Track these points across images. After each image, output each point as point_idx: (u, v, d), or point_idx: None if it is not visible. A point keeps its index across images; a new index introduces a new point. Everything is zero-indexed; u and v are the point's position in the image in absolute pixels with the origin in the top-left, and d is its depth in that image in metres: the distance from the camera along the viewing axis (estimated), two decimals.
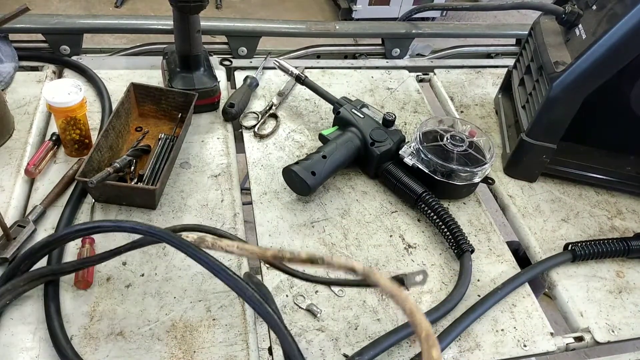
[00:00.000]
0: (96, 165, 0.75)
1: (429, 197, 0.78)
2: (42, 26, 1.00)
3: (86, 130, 0.80)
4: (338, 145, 0.82)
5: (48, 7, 3.14)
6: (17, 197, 0.74)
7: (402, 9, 3.35)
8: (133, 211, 0.75)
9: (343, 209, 0.81)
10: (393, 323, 0.66)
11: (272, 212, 0.79)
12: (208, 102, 0.92)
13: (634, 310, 0.73)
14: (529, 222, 0.84)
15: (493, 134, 1.01)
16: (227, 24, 1.09)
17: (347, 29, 1.16)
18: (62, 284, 0.64)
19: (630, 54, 0.73)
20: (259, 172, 0.85)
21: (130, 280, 0.66)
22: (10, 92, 0.91)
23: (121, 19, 1.07)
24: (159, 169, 0.78)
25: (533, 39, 0.91)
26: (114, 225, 0.60)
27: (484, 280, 0.74)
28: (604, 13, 0.78)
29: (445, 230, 0.76)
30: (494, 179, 0.90)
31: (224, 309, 0.65)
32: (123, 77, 0.98)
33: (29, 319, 0.60)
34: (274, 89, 1.02)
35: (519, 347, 0.66)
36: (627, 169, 0.90)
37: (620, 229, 0.85)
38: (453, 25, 1.30)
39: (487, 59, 1.29)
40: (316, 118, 0.98)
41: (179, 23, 0.85)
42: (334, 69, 1.11)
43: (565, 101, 0.79)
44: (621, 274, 0.78)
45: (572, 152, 0.90)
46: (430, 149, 0.81)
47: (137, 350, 0.59)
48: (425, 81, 1.16)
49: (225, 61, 1.08)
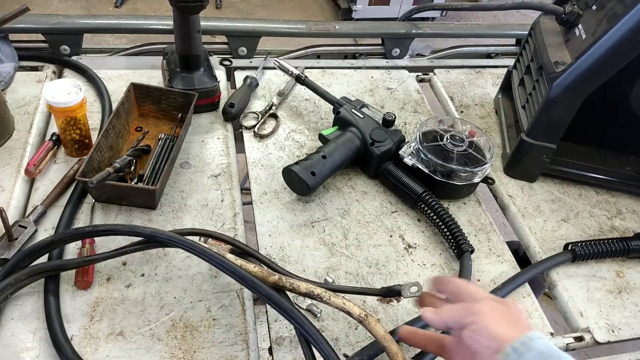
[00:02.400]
0: (96, 165, 0.75)
1: (429, 197, 0.78)
2: (42, 26, 1.00)
3: (86, 130, 0.80)
4: (338, 145, 0.82)
5: (48, 7, 3.14)
6: (17, 197, 0.74)
7: (402, 9, 3.35)
8: (133, 211, 0.75)
9: (343, 209, 0.81)
10: (393, 323, 0.66)
11: (272, 212, 0.79)
12: (208, 102, 0.92)
13: (634, 310, 0.73)
14: (529, 222, 0.84)
15: (493, 134, 1.01)
16: (227, 24, 1.09)
17: (347, 29, 1.16)
18: (62, 284, 0.64)
19: (630, 54, 0.73)
20: (259, 172, 0.85)
21: (131, 280, 0.66)
22: (10, 92, 0.91)
23: (121, 19, 1.07)
24: (159, 169, 0.78)
25: (533, 39, 0.91)
26: (128, 230, 0.62)
27: (484, 280, 0.74)
28: (604, 13, 0.78)
29: (445, 230, 0.76)
30: (494, 179, 0.90)
31: (224, 309, 0.65)
32: (123, 77, 0.98)
33: (29, 319, 0.60)
34: (274, 89, 1.02)
35: None
36: (627, 169, 0.90)
37: (620, 229, 0.85)
38: (453, 25, 1.30)
39: (487, 59, 1.29)
40: (316, 118, 0.98)
41: (179, 23, 0.85)
42: (334, 69, 1.11)
43: (565, 101, 0.79)
44: (621, 274, 0.78)
45: (572, 152, 0.90)
46: (430, 149, 0.81)
47: (137, 350, 0.59)
48: (425, 81, 1.16)
49: (225, 61, 1.08)
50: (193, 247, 0.59)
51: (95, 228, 0.63)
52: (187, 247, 0.60)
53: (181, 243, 0.60)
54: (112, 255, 0.63)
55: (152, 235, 0.61)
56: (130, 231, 0.62)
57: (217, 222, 0.75)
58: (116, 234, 0.63)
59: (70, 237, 0.63)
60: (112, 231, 0.63)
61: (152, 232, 0.61)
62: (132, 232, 0.62)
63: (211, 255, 0.58)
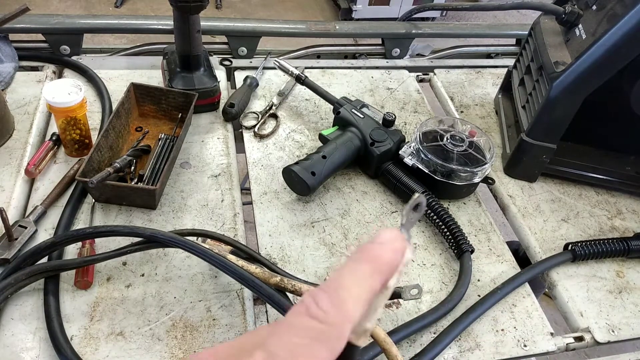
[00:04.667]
0: (96, 165, 0.75)
1: (429, 197, 0.78)
2: (42, 26, 1.00)
3: (86, 130, 0.80)
4: (338, 145, 0.82)
5: (48, 7, 3.14)
6: (17, 197, 0.74)
7: (402, 9, 3.35)
8: (133, 211, 0.75)
9: (343, 209, 0.81)
10: (393, 323, 0.66)
11: (272, 212, 0.79)
12: (208, 102, 0.92)
13: (634, 310, 0.73)
14: (529, 222, 0.84)
15: (493, 134, 1.00)
16: (227, 24, 1.09)
17: (347, 29, 1.16)
18: (62, 284, 0.64)
19: (630, 54, 0.73)
20: (259, 172, 0.85)
21: (131, 280, 0.66)
22: (10, 92, 0.91)
23: (121, 19, 1.07)
24: (159, 169, 0.78)
25: (533, 39, 0.91)
26: (129, 231, 0.62)
27: (484, 280, 0.74)
28: (604, 13, 0.78)
29: (445, 230, 0.76)
30: (494, 179, 0.90)
31: (224, 309, 0.65)
32: (123, 77, 0.98)
33: (29, 319, 0.60)
34: (274, 89, 1.02)
35: (519, 347, 0.66)
36: (627, 169, 0.90)
37: (620, 229, 0.85)
38: (453, 25, 1.30)
39: (487, 59, 1.29)
40: (316, 118, 0.98)
41: (179, 23, 0.85)
42: (334, 69, 1.11)
43: (565, 101, 0.79)
44: (621, 274, 0.78)
45: (572, 152, 0.90)
46: (430, 149, 0.81)
47: (137, 350, 0.59)
48: (425, 81, 1.16)
49: (225, 61, 1.08)
50: (194, 247, 0.59)
51: (96, 229, 0.63)
52: (188, 248, 0.60)
53: (182, 243, 0.60)
54: (112, 255, 0.63)
55: (153, 236, 0.61)
56: (131, 232, 0.62)
57: (217, 222, 0.75)
58: (117, 234, 0.63)
59: (71, 239, 0.63)
60: (113, 232, 0.63)
61: (153, 232, 0.61)
62: (133, 232, 0.62)
63: (212, 255, 0.58)
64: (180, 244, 0.60)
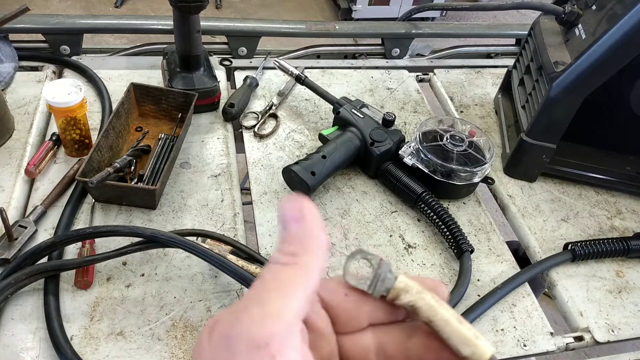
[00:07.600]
0: (96, 165, 0.75)
1: (429, 197, 0.78)
2: (42, 26, 1.00)
3: (86, 130, 0.80)
4: (338, 145, 0.82)
5: (48, 7, 3.14)
6: (17, 197, 0.74)
7: (402, 9, 3.35)
8: (133, 211, 0.75)
9: (343, 209, 0.81)
10: None
11: (272, 212, 0.79)
12: (208, 102, 0.92)
13: (633, 310, 0.73)
14: (528, 222, 0.84)
15: (493, 134, 1.01)
16: (227, 24, 1.09)
17: (347, 29, 1.16)
18: (62, 284, 0.64)
19: (630, 54, 0.73)
20: (259, 172, 0.85)
21: (131, 280, 0.66)
22: (10, 92, 0.91)
23: (121, 19, 1.07)
24: (159, 169, 0.78)
25: (533, 39, 0.91)
26: (129, 231, 0.62)
27: (484, 280, 0.74)
28: (604, 13, 0.78)
29: (445, 230, 0.76)
30: (494, 179, 0.90)
31: (224, 308, 0.65)
32: (123, 77, 0.98)
33: (29, 319, 0.60)
34: (274, 89, 1.03)
35: (519, 346, 0.66)
36: (627, 169, 0.90)
37: (620, 228, 0.85)
38: (453, 25, 1.30)
39: (487, 59, 1.29)
40: (316, 118, 0.98)
41: (179, 23, 0.85)
42: (333, 69, 1.11)
43: (565, 101, 0.79)
44: (621, 273, 0.78)
45: (572, 152, 0.90)
46: (430, 149, 0.81)
47: (137, 350, 0.59)
48: (425, 81, 1.16)
49: (225, 61, 1.08)
50: (194, 247, 0.59)
51: (97, 229, 0.63)
52: (188, 248, 0.60)
53: (182, 243, 0.60)
54: (112, 255, 0.64)
55: (153, 236, 0.61)
56: (131, 232, 0.62)
57: (217, 222, 0.75)
58: (117, 234, 0.63)
59: (71, 239, 0.63)
60: (113, 232, 0.63)
61: (153, 232, 0.61)
62: (133, 233, 0.62)
63: (212, 255, 0.59)
64: (180, 244, 0.60)
